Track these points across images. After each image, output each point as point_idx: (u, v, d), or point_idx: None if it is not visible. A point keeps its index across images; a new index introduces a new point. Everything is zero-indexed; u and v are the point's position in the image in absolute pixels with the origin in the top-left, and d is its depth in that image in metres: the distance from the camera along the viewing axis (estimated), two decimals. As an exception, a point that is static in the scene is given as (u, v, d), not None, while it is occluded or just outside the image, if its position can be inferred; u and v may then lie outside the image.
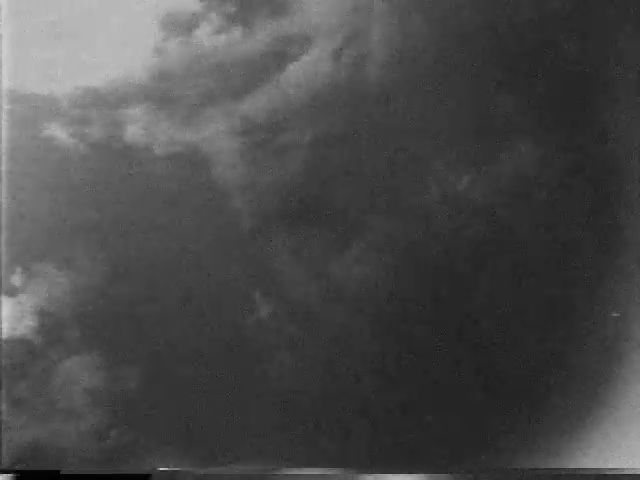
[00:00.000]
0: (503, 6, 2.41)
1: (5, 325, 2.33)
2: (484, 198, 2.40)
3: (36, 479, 2.29)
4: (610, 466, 2.36)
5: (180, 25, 2.40)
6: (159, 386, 2.35)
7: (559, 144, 2.41)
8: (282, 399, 2.37)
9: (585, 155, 2.41)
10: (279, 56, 2.41)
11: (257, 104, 2.40)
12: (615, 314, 2.36)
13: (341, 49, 2.41)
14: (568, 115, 2.42)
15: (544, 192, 2.41)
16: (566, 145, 2.42)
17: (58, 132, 2.38)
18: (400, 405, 2.37)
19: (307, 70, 2.40)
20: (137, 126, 2.39)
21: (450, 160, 2.41)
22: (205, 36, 2.40)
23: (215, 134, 2.40)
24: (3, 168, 2.36)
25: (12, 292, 2.35)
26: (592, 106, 2.42)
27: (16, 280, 2.36)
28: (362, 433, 2.36)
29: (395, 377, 2.38)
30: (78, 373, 2.34)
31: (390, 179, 2.41)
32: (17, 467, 2.28)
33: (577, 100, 2.42)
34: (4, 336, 2.32)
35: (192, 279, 2.38)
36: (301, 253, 2.40)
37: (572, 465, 2.36)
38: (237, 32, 2.40)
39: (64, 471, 2.29)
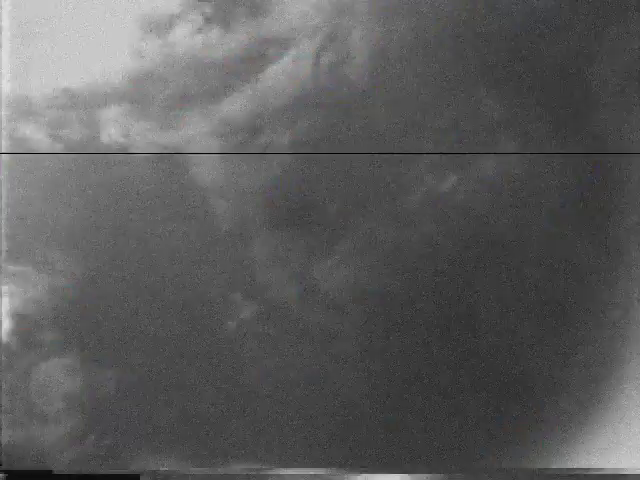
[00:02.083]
0: (488, 7, 2.42)
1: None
2: (468, 199, 2.38)
3: (28, 479, 2.24)
4: (611, 466, 2.34)
5: (158, 26, 2.39)
6: (138, 389, 2.32)
7: (545, 144, 2.41)
8: (263, 400, 2.35)
9: (571, 155, 2.41)
10: (259, 57, 2.40)
11: (236, 106, 2.38)
12: None
13: (321, 50, 2.40)
14: (554, 115, 2.42)
15: (530, 192, 2.39)
16: (552, 145, 2.41)
17: (34, 133, 2.36)
18: (384, 404, 2.35)
19: (287, 71, 2.39)
20: (114, 127, 2.36)
21: (434, 161, 2.39)
22: (183, 37, 2.38)
23: (194, 136, 2.37)
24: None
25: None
26: (577, 106, 2.42)
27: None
28: (347, 433, 2.34)
29: (378, 378, 2.36)
30: (56, 376, 2.29)
31: (373, 181, 2.39)
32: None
33: (563, 101, 2.42)
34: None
35: (172, 281, 2.35)
36: (282, 256, 2.37)
37: (573, 465, 2.34)
38: (215, 33, 2.39)
39: (57, 471, 2.27)
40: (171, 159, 2.36)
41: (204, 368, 2.33)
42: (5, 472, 2.26)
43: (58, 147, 2.36)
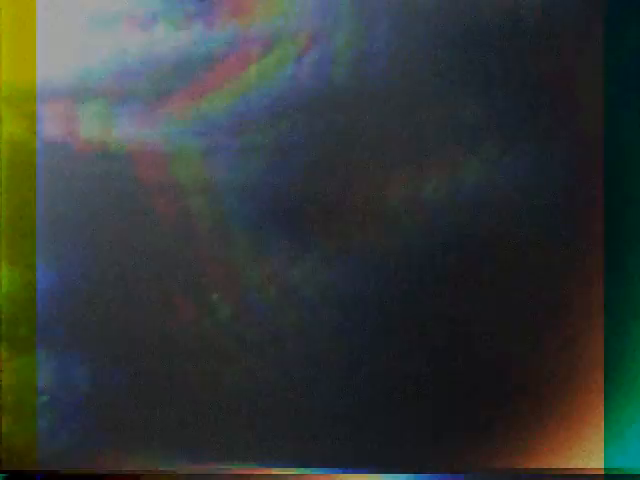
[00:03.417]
0: (472, 12, 2.42)
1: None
2: (451, 202, 2.38)
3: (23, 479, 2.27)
4: (610, 466, 2.35)
5: (139, 22, 2.39)
6: (114, 387, 2.33)
7: (526, 150, 2.41)
8: (244, 401, 2.35)
9: (553, 160, 2.40)
10: (241, 57, 2.40)
11: (217, 104, 2.38)
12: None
13: (304, 51, 2.40)
14: (535, 121, 2.41)
15: (517, 197, 2.39)
16: (533, 150, 2.41)
17: (12, 127, 2.36)
18: (366, 405, 2.36)
19: (269, 72, 2.39)
20: (93, 123, 2.36)
21: (418, 165, 2.39)
22: (165, 34, 2.39)
23: (174, 133, 2.37)
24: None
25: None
26: (559, 113, 2.42)
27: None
28: (328, 432, 2.35)
29: (354, 380, 2.37)
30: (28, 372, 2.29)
31: (356, 183, 2.39)
32: None
33: (544, 107, 2.42)
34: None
35: (150, 280, 2.35)
36: (262, 255, 2.37)
37: (572, 465, 2.35)
38: (197, 31, 2.39)
39: (64, 471, 2.29)
40: (151, 156, 2.36)
41: (183, 366, 2.34)
42: (5, 472, 2.26)
43: (37, 142, 2.36)
